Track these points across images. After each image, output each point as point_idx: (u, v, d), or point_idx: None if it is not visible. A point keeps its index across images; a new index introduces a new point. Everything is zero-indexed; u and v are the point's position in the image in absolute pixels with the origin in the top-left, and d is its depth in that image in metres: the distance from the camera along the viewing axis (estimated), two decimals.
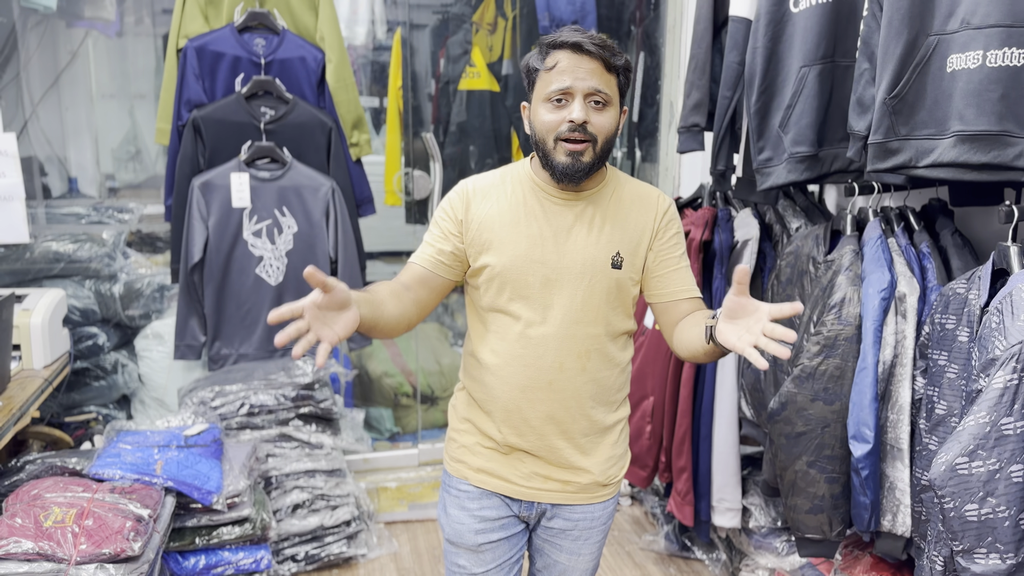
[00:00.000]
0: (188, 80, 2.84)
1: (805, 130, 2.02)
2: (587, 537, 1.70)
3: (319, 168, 2.93)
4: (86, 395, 3.02)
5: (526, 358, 1.57)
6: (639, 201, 1.62)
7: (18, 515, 1.92)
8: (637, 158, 4.20)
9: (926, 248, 1.93)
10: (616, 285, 1.58)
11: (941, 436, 1.70)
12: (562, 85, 1.48)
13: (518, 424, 1.60)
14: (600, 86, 1.48)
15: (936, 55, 1.61)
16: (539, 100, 1.52)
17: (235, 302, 2.91)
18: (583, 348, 1.58)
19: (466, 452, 1.68)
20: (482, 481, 1.66)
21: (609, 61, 1.49)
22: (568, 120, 1.48)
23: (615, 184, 1.63)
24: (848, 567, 2.14)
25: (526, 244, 1.56)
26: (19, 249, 2.88)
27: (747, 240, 2.50)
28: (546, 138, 1.52)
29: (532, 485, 1.64)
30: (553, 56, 1.49)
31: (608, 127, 1.51)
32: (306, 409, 2.76)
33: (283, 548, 2.73)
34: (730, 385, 2.51)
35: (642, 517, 3.23)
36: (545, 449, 1.62)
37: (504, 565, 1.68)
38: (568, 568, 1.71)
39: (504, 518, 1.67)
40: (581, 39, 1.47)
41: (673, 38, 3.27)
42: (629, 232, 1.59)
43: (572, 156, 1.50)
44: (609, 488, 1.69)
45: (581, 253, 1.56)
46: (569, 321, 1.56)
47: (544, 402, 1.58)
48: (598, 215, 1.59)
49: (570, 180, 1.53)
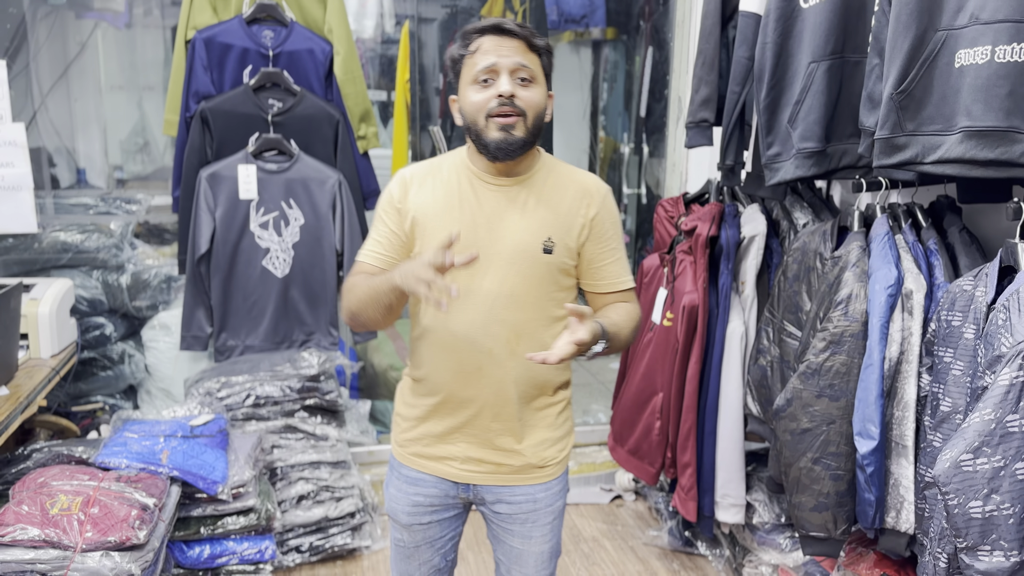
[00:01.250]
0: (196, 71, 2.85)
1: (813, 126, 2.01)
2: (534, 520, 1.71)
3: (326, 161, 2.94)
4: (93, 385, 3.04)
5: (457, 343, 1.59)
6: (574, 187, 1.63)
7: (25, 502, 1.94)
8: (644, 153, 4.20)
9: (933, 245, 1.92)
10: (547, 270, 1.59)
11: (946, 433, 1.69)
12: (487, 63, 1.51)
13: (452, 408, 1.64)
14: (524, 62, 1.51)
15: (944, 50, 1.60)
16: (466, 84, 1.55)
17: (242, 294, 2.92)
18: (512, 333, 1.59)
19: (406, 436, 1.72)
20: (421, 465, 1.70)
21: (531, 40, 1.52)
22: (496, 95, 1.50)
23: (549, 169, 1.64)
24: (852, 564, 2.13)
25: (458, 230, 1.57)
26: (27, 239, 2.89)
27: (754, 236, 2.49)
28: (477, 118, 1.53)
29: (467, 468, 1.68)
30: (476, 41, 1.53)
31: (537, 102, 1.53)
32: (311, 401, 2.77)
33: (287, 539, 2.74)
34: (735, 381, 2.51)
35: (646, 512, 3.23)
36: (478, 432, 1.65)
37: (436, 542, 1.75)
38: (523, 552, 1.74)
39: (438, 502, 1.71)
40: (502, 21, 1.52)
41: (682, 33, 3.26)
42: (562, 217, 1.60)
43: (504, 130, 1.51)
44: (547, 470, 1.70)
45: (512, 237, 1.57)
46: (498, 306, 1.58)
47: (475, 386, 1.61)
48: (531, 199, 1.60)
49: (506, 156, 1.53)
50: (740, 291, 2.57)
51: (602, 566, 2.85)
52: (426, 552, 1.76)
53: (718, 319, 2.55)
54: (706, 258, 2.56)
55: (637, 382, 2.78)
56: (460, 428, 1.65)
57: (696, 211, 2.67)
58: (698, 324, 2.55)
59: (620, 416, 2.91)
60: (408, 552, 1.76)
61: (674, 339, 2.62)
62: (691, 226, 2.58)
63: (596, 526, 3.12)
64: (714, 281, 2.58)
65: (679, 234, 2.71)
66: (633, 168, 4.45)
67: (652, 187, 4.16)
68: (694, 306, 2.54)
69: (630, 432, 2.83)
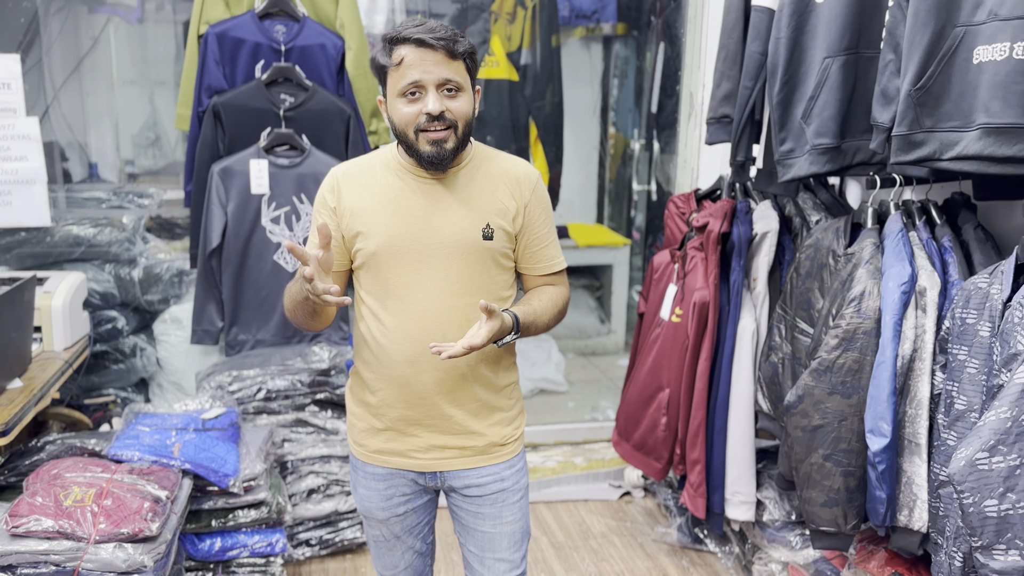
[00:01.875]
0: (209, 66, 2.85)
1: (828, 122, 2.00)
2: (503, 500, 1.75)
3: (338, 156, 2.94)
4: (105, 378, 3.05)
5: (409, 333, 1.62)
6: (505, 174, 1.68)
7: (39, 494, 1.95)
8: (655, 149, 4.19)
9: (948, 242, 1.91)
10: (490, 256, 1.64)
11: (960, 431, 1.69)
12: (412, 79, 1.52)
13: (409, 398, 1.66)
14: (449, 75, 1.54)
15: (962, 46, 1.60)
16: (394, 95, 1.57)
17: (253, 288, 2.93)
18: (463, 318, 1.63)
19: (365, 435, 1.74)
20: (385, 461, 1.73)
21: (452, 50, 1.53)
22: (424, 112, 1.53)
23: (481, 158, 1.69)
24: (862, 562, 2.13)
25: (397, 223, 1.61)
26: (40, 232, 2.90)
27: (766, 233, 2.48)
28: (407, 131, 1.57)
29: (431, 456, 1.71)
30: (397, 52, 1.54)
31: (465, 111, 1.58)
32: (322, 395, 2.78)
33: (297, 532, 2.75)
34: (746, 378, 2.51)
35: (655, 509, 3.23)
36: (438, 419, 1.68)
37: (414, 529, 1.80)
38: (495, 536, 1.76)
39: (409, 491, 1.75)
40: (422, 34, 1.51)
41: (694, 28, 3.25)
42: (498, 204, 1.65)
43: (435, 144, 1.56)
44: (508, 447, 1.75)
45: (452, 227, 1.62)
46: (447, 294, 1.62)
47: (431, 373, 1.64)
48: (466, 189, 1.65)
49: (438, 167, 1.59)
50: (752, 288, 2.56)
51: (611, 562, 2.85)
52: (407, 540, 1.81)
53: (729, 315, 2.54)
54: (717, 254, 2.55)
55: (643, 377, 2.78)
56: (419, 420, 1.68)
57: (708, 207, 2.67)
58: (708, 320, 2.55)
59: (625, 411, 2.91)
60: (390, 544, 1.81)
61: (683, 335, 2.61)
62: (703, 222, 2.57)
63: (605, 522, 3.13)
64: (725, 278, 2.58)
65: (690, 230, 2.70)
66: (643, 164, 4.44)
67: (662, 183, 4.15)
68: (705, 302, 2.53)
69: (635, 427, 2.83)
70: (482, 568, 1.78)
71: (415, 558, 1.84)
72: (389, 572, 1.85)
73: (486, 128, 3.71)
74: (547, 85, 3.73)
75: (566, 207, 4.63)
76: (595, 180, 4.92)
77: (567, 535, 3.04)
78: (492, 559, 1.77)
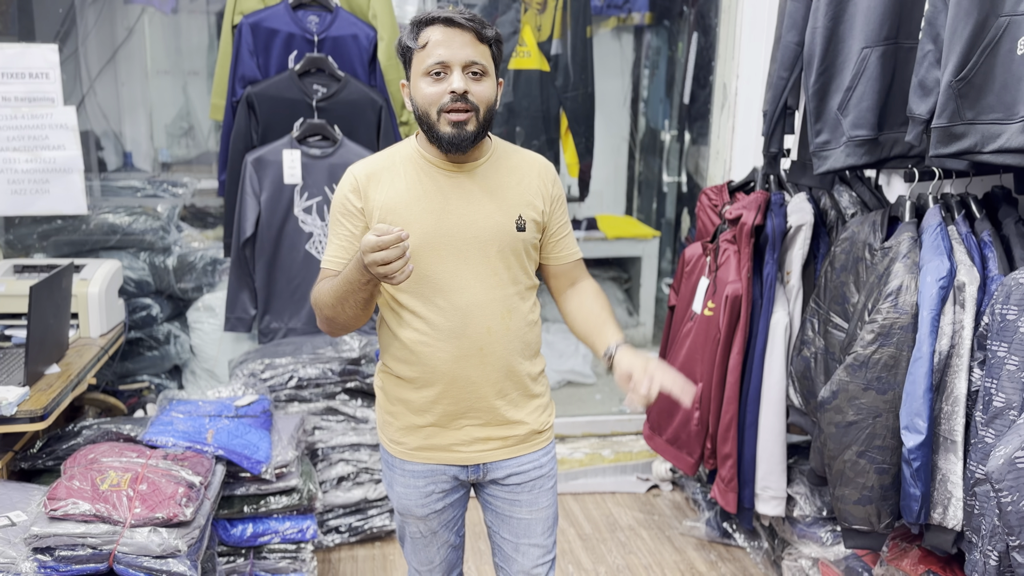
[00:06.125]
0: (243, 56, 2.87)
1: (865, 113, 1.97)
2: (540, 486, 1.77)
3: (369, 146, 2.95)
4: (139, 364, 3.10)
5: (455, 329, 1.62)
6: (527, 167, 1.70)
7: (76, 477, 1.98)
8: (687, 140, 4.15)
9: (987, 237, 1.87)
10: (523, 247, 1.66)
11: (998, 429, 1.66)
12: (439, 59, 1.52)
13: (456, 393, 1.66)
14: (476, 57, 1.54)
15: (1006, 37, 1.56)
16: (418, 76, 1.56)
17: (285, 277, 2.95)
18: (504, 308, 1.65)
19: (404, 433, 1.73)
20: (427, 457, 1.72)
21: (481, 32, 1.54)
22: (449, 91, 1.52)
23: (502, 152, 1.70)
24: (895, 559, 2.11)
25: (432, 219, 1.60)
26: (76, 221, 2.95)
27: (801, 225, 2.45)
28: (429, 111, 1.55)
29: (475, 448, 1.71)
30: (426, 33, 1.54)
31: (488, 96, 1.57)
32: (352, 384, 2.79)
33: (327, 519, 2.77)
34: (778, 372, 2.48)
35: (683, 503, 3.22)
36: (484, 412, 1.69)
37: (450, 523, 1.81)
38: (531, 522, 1.77)
39: (449, 487, 1.76)
40: (451, 13, 1.52)
41: (728, 19, 3.21)
42: (525, 196, 1.67)
43: (456, 126, 1.54)
44: (544, 435, 1.78)
45: (487, 220, 1.62)
46: (488, 286, 1.63)
47: (479, 367, 1.64)
48: (494, 182, 1.65)
49: (457, 150, 1.57)
50: (785, 281, 2.53)
51: (638, 555, 2.85)
52: (443, 535, 1.82)
53: (762, 309, 2.52)
54: (750, 247, 2.53)
55: None
56: (465, 412, 1.68)
57: (741, 199, 2.64)
58: (741, 314, 2.52)
59: (657, 405, 2.89)
60: (427, 540, 1.81)
61: (715, 329, 2.59)
62: (736, 214, 2.55)
63: (633, 515, 3.12)
64: (758, 271, 2.55)
65: (723, 223, 2.68)
66: (674, 155, 4.41)
67: (692, 174, 4.12)
68: (737, 296, 2.51)
69: (668, 421, 2.81)
70: (516, 554, 1.79)
71: (449, 552, 1.85)
72: (425, 568, 1.85)
73: (516, 119, 3.70)
74: (579, 76, 3.71)
75: (595, 198, 4.60)
76: (624, 171, 4.89)
77: (594, 527, 3.04)
78: (527, 544, 1.78)
